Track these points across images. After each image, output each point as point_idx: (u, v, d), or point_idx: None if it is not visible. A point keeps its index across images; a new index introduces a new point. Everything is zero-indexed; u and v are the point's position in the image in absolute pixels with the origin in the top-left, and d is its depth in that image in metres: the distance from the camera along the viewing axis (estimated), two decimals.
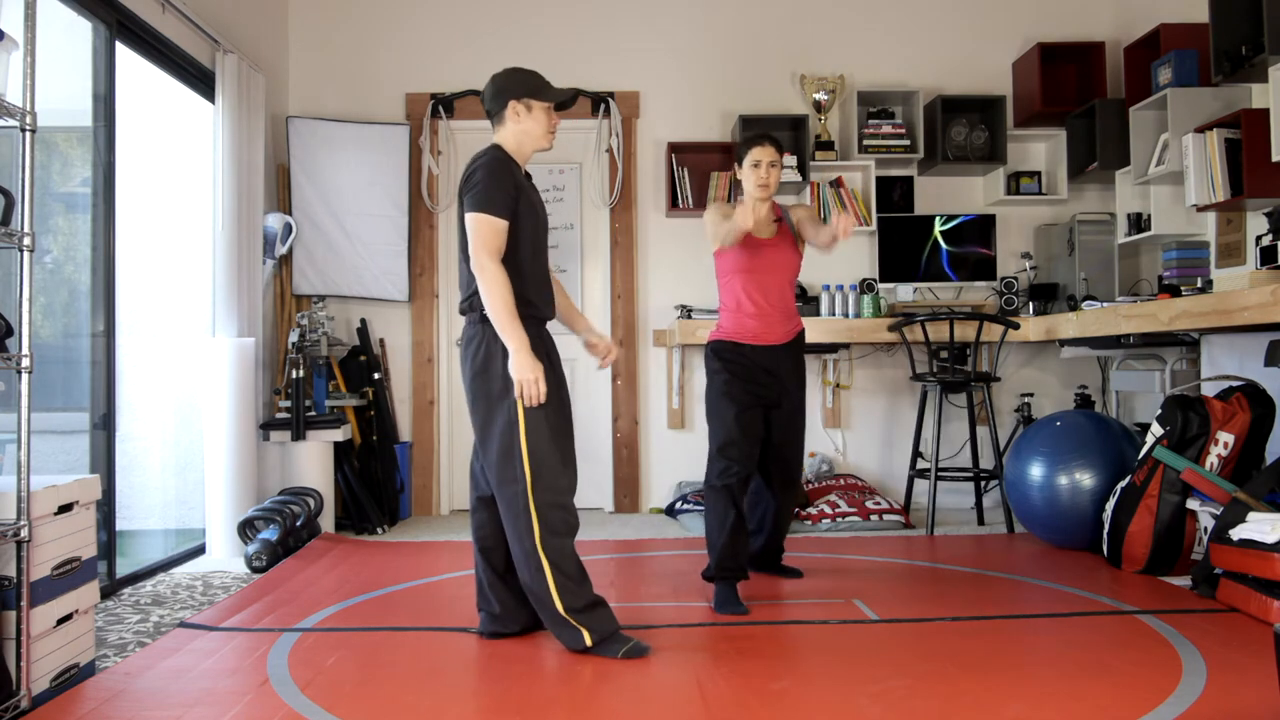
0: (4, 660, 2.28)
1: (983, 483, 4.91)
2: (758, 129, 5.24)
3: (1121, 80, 4.78)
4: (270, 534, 3.99)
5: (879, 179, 5.32)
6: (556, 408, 2.77)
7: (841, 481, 5.01)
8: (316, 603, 3.32)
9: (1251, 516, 3.07)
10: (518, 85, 2.80)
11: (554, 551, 2.69)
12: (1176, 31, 4.39)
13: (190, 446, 4.49)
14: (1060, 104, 5.11)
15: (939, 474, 4.59)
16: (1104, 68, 5.13)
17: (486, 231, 2.67)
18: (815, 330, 4.84)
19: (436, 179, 5.36)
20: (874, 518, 4.65)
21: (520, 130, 2.81)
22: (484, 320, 2.72)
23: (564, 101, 2.86)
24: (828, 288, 5.15)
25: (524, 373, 2.64)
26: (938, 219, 5.26)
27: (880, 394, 5.42)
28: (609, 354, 3.00)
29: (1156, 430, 3.63)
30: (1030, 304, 5.13)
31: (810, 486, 5.02)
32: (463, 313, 2.83)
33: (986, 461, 5.11)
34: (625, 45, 5.41)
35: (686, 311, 5.04)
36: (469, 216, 2.71)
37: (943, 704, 2.29)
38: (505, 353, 2.67)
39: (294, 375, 4.47)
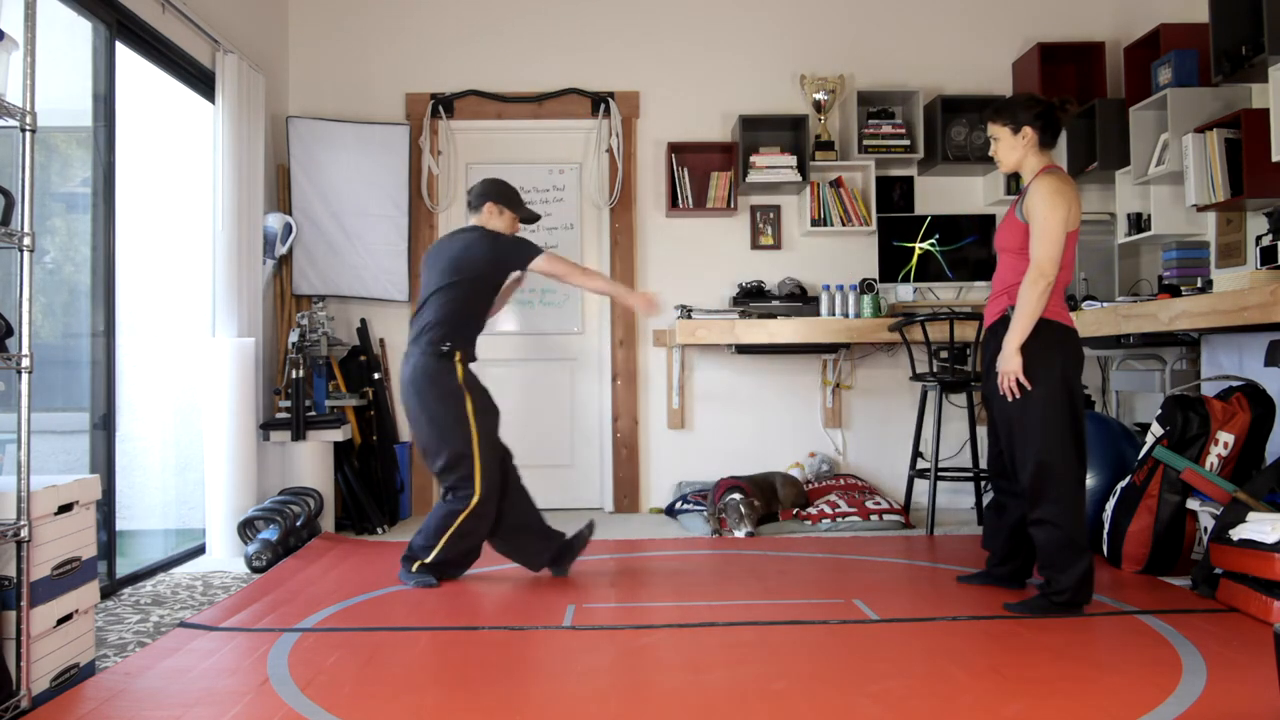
0: (4, 660, 2.28)
1: (983, 483, 4.91)
2: (758, 129, 5.26)
3: (1121, 80, 4.78)
4: (270, 534, 3.99)
5: (879, 179, 5.32)
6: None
7: (841, 481, 5.02)
8: (316, 603, 3.33)
9: (1251, 516, 3.07)
10: (495, 193, 3.72)
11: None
12: (1176, 31, 4.39)
13: (190, 446, 4.49)
14: None
15: (939, 474, 4.59)
16: (1104, 68, 5.13)
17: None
18: (815, 330, 4.85)
19: (436, 179, 5.36)
20: (874, 518, 4.65)
21: (493, 222, 3.71)
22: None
23: (529, 214, 3.81)
24: (827, 288, 5.15)
25: None
26: (930, 240, 5.26)
27: (880, 394, 5.42)
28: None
29: (1156, 430, 3.63)
30: None
31: (810, 486, 5.02)
32: None
33: (986, 461, 5.10)
34: (625, 45, 5.41)
35: (686, 311, 5.04)
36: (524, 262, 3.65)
37: (943, 704, 2.29)
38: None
39: (294, 375, 4.47)
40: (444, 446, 3.48)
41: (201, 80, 4.38)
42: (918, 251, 5.28)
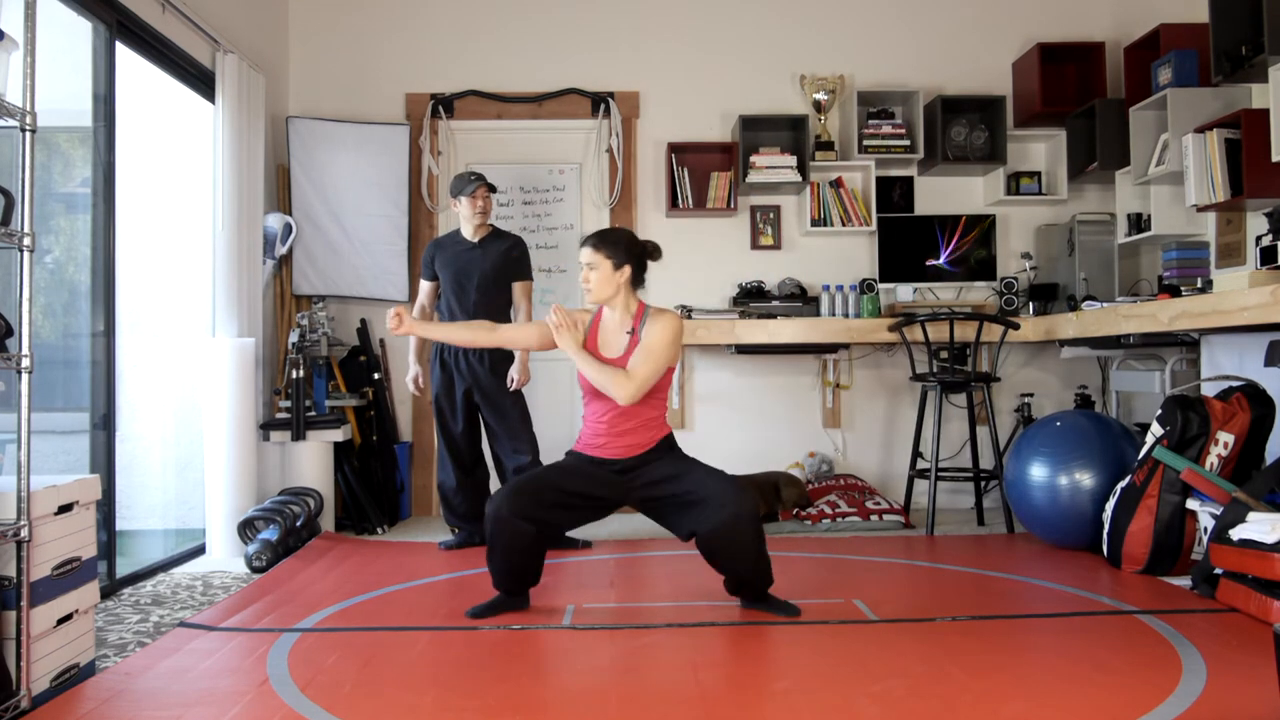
0: (4, 660, 2.29)
1: (983, 483, 4.91)
2: (758, 129, 5.26)
3: (1121, 80, 4.78)
4: (270, 534, 3.99)
5: (879, 179, 5.32)
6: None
7: (841, 481, 5.01)
8: (316, 603, 3.33)
9: (1251, 516, 3.07)
10: (450, 189, 4.27)
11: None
12: (1176, 31, 4.39)
13: (190, 446, 4.49)
14: (1060, 104, 5.11)
15: (939, 474, 4.59)
16: (1104, 68, 5.13)
17: None
18: (815, 330, 4.85)
19: (436, 179, 5.36)
20: (874, 518, 4.65)
21: (460, 215, 4.28)
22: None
23: (470, 186, 4.16)
24: (827, 288, 5.15)
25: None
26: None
27: (880, 394, 5.42)
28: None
29: (1156, 430, 3.63)
30: (1030, 304, 5.13)
31: (810, 486, 5.02)
32: None
33: (986, 461, 5.11)
34: (625, 45, 5.41)
35: (686, 311, 5.04)
36: None
37: (943, 704, 2.29)
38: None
39: (294, 375, 4.47)
40: None
41: (201, 80, 4.38)
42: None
